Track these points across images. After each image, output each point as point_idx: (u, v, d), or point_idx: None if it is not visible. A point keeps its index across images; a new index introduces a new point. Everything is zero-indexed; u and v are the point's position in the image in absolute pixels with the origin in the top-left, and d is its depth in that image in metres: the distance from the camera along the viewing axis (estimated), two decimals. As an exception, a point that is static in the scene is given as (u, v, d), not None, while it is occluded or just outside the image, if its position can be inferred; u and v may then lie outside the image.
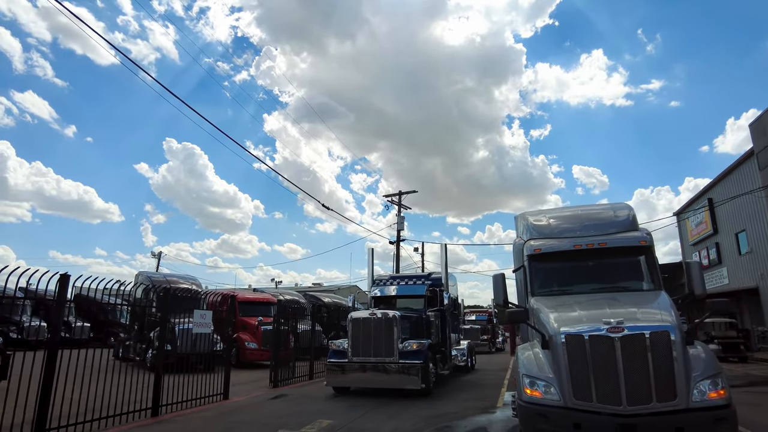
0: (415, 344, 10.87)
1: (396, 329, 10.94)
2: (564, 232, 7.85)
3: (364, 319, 11.27)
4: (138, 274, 19.82)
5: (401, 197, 32.37)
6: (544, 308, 6.37)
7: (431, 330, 12.61)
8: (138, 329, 16.72)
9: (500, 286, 7.58)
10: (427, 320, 12.59)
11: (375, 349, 10.97)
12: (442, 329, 13.34)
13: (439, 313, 13.12)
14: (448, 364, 13.49)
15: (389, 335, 10.93)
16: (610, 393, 5.13)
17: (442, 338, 13.32)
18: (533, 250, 7.40)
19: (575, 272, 7.18)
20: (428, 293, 13.20)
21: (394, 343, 10.87)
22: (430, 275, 14.55)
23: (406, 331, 11.35)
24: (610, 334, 5.23)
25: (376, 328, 11.09)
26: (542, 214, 8.63)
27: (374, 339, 11.02)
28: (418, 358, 10.69)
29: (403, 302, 13.10)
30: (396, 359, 10.74)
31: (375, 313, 11.28)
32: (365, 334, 11.12)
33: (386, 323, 11.06)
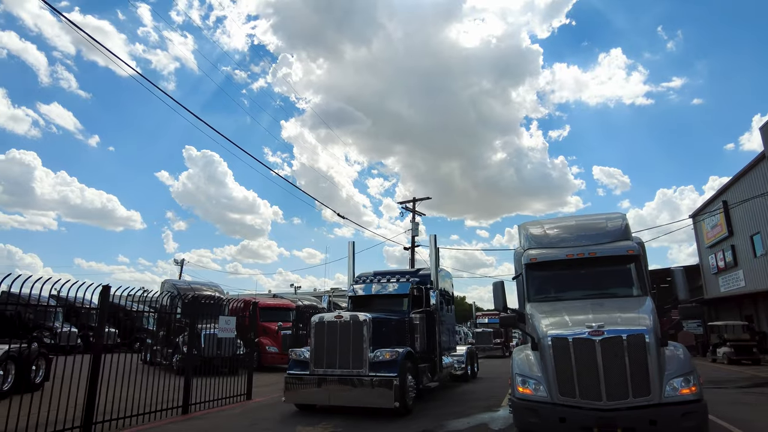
0: (388, 353, 9.09)
1: (366, 335, 9.22)
2: (560, 242, 8.44)
3: (329, 324, 9.46)
4: (164, 282, 20.82)
5: (415, 204, 33.10)
6: (536, 313, 6.99)
7: (415, 335, 11.01)
8: (164, 335, 17.67)
9: (499, 293, 8.21)
10: (411, 323, 10.98)
11: (341, 360, 9.21)
12: (430, 334, 11.59)
13: (424, 315, 11.36)
14: (439, 374, 11.68)
15: (358, 343, 9.19)
16: (591, 390, 5.74)
17: (430, 344, 11.56)
18: (529, 259, 8.02)
19: (568, 280, 7.78)
20: (413, 292, 11.52)
21: (364, 353, 9.12)
22: (417, 271, 13.01)
23: (383, 337, 9.70)
24: (592, 336, 5.84)
25: (342, 334, 9.34)
26: (540, 225, 9.22)
27: (340, 347, 9.28)
28: (391, 371, 8.90)
29: (383, 303, 11.60)
30: (365, 372, 9.00)
31: (342, 316, 9.50)
32: (330, 341, 9.38)
33: (354, 328, 9.30)
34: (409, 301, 11.35)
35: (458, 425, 8.32)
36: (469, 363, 15.66)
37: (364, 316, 9.47)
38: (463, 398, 11.67)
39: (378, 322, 9.77)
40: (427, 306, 11.41)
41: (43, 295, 7.42)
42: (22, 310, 10.53)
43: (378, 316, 10.02)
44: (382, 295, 11.80)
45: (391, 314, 10.75)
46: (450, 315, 13.92)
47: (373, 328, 9.43)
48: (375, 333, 9.44)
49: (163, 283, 20.74)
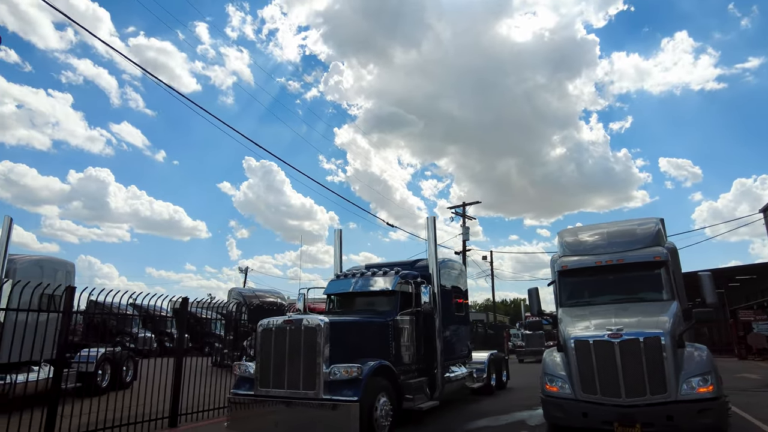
0: (346, 369, 6.91)
1: (321, 345, 7.08)
2: (592, 249, 8.90)
3: (277, 330, 7.44)
4: (230, 290, 22.60)
5: (465, 208, 33.57)
6: (565, 318, 7.57)
7: (402, 342, 8.70)
8: (232, 339, 19.30)
9: (534, 298, 8.82)
10: (396, 328, 8.64)
11: (290, 377, 7.15)
12: (427, 340, 9.36)
13: (414, 318, 9.11)
14: (440, 389, 9.18)
15: (310, 355, 7.08)
16: (611, 387, 6.28)
17: (428, 353, 9.32)
18: (561, 267, 8.57)
19: (598, 285, 8.24)
20: (400, 289, 9.15)
21: (318, 368, 6.99)
22: (415, 263, 10.68)
23: (360, 347, 7.76)
24: (611, 339, 6.38)
25: (292, 343, 7.27)
26: (575, 233, 9.68)
27: (290, 361, 7.23)
28: (351, 393, 6.79)
29: (366, 302, 9.51)
30: (319, 393, 6.90)
31: (291, 321, 7.48)
32: (278, 352, 7.34)
33: (306, 337, 7.19)
34: (397, 299, 9.01)
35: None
36: (493, 372, 12.87)
37: (319, 320, 7.28)
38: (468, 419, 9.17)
39: (350, 327, 7.98)
40: (417, 306, 9.07)
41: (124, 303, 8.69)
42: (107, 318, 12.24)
43: (351, 320, 8.37)
44: (363, 292, 9.54)
45: (372, 316, 8.73)
46: (461, 317, 11.37)
47: (345, 335, 7.55)
48: (349, 341, 7.55)
49: (230, 291, 22.50)
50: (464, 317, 11.70)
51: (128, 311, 12.78)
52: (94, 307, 10.77)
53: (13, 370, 8.54)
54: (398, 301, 9.05)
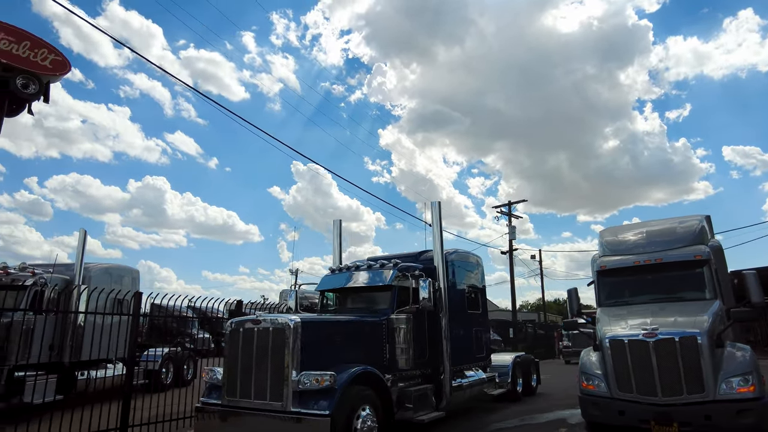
0: (317, 378, 5.97)
1: (291, 349, 6.18)
2: (632, 249, 8.88)
3: (245, 332, 6.63)
4: (282, 293, 23.56)
5: (511, 207, 33.26)
6: (602, 317, 7.67)
7: (397, 345, 7.76)
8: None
9: (573, 298, 8.92)
10: (390, 328, 7.72)
11: (257, 386, 6.30)
12: (432, 341, 8.45)
13: (412, 317, 8.05)
14: (447, 398, 8.25)
15: (278, 361, 6.21)
16: (647, 386, 6.36)
17: (432, 357, 8.39)
18: (600, 267, 8.62)
19: (637, 285, 8.25)
20: (398, 284, 8.18)
21: (286, 376, 6.10)
22: (420, 255, 9.64)
23: (348, 350, 6.97)
24: (645, 338, 6.45)
25: (260, 347, 6.43)
26: (615, 232, 9.66)
27: (257, 367, 6.38)
28: (322, 406, 5.87)
29: (361, 299, 8.71)
30: (286, 405, 5.99)
31: (260, 321, 6.64)
32: (246, 357, 6.51)
33: (274, 339, 6.33)
34: (393, 296, 8.06)
35: None
36: (519, 376, 11.74)
37: (288, 319, 6.40)
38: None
39: (330, 327, 7.15)
40: (414, 303, 8.03)
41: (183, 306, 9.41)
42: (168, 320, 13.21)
43: (330, 320, 7.72)
44: (357, 288, 8.65)
45: (362, 315, 7.88)
46: (477, 315, 10.28)
47: (323, 337, 6.74)
48: (329, 344, 6.75)
49: (282, 293, 23.48)
50: (481, 315, 10.51)
51: (187, 313, 13.75)
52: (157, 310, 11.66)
53: (92, 367, 9.51)
54: (395, 298, 8.04)
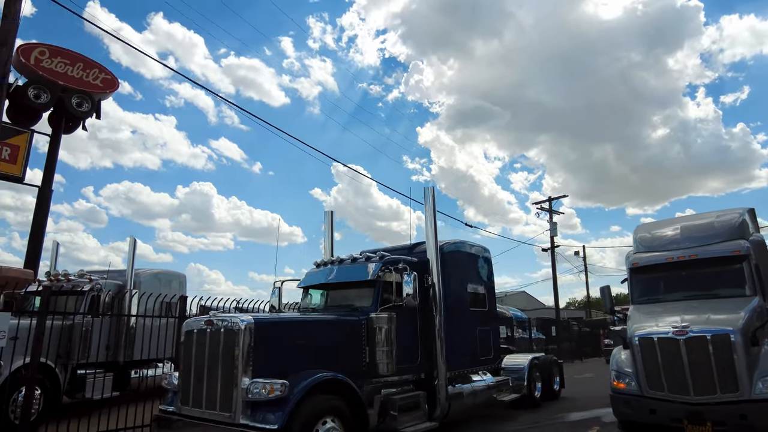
0: (265, 386, 5.34)
1: (242, 353, 5.58)
2: (667, 245, 8.70)
3: (199, 334, 6.06)
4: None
5: (551, 203, 32.70)
6: (634, 315, 7.60)
7: (378, 347, 6.85)
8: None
9: (607, 296, 8.82)
10: (370, 329, 6.91)
11: (209, 394, 5.75)
12: (425, 343, 7.69)
13: (396, 315, 7.06)
14: (441, 406, 7.46)
15: (228, 367, 5.63)
16: (678, 384, 6.29)
17: (425, 359, 7.64)
18: (632, 264, 8.51)
19: (671, 282, 8.10)
20: (383, 278, 7.34)
21: (236, 384, 5.52)
22: (414, 247, 8.93)
23: (325, 353, 6.31)
24: (676, 336, 6.38)
25: (212, 350, 5.87)
26: (649, 228, 9.47)
27: (209, 372, 5.82)
28: (270, 419, 5.26)
29: (344, 295, 7.98)
30: (234, 416, 5.45)
31: (212, 322, 6.01)
32: (198, 361, 5.96)
33: (225, 342, 5.74)
34: (377, 292, 7.28)
35: None
36: (536, 380, 10.89)
37: (240, 320, 5.76)
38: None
39: (294, 329, 6.48)
40: (397, 300, 7.23)
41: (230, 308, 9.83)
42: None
43: (294, 320, 7.08)
44: (339, 284, 7.95)
45: (342, 314, 7.23)
46: (482, 313, 9.38)
47: (284, 340, 6.11)
48: (292, 348, 6.10)
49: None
50: (487, 313, 9.57)
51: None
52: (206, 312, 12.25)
53: (144, 366, 10.19)
54: (379, 295, 7.24)
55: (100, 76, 17.30)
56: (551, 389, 11.50)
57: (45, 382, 8.41)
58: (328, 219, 10.34)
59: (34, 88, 15.72)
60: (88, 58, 17.34)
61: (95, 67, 17.32)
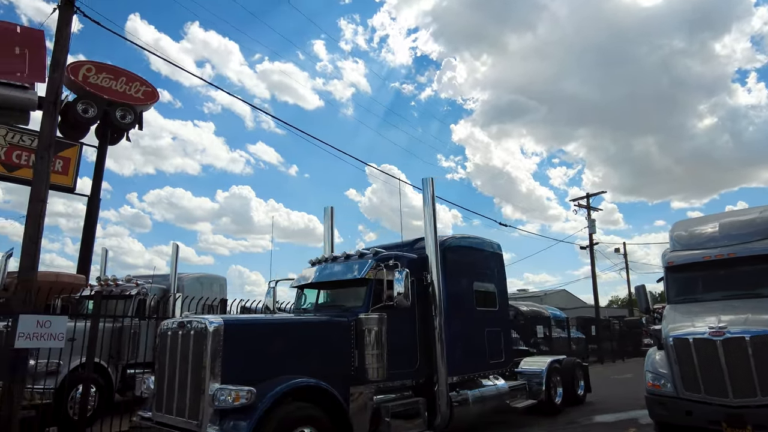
0: (232, 394, 4.93)
1: (210, 357, 5.20)
2: (705, 242, 8.49)
3: (172, 335, 5.81)
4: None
5: (589, 199, 31.99)
6: (669, 315, 7.49)
7: (367, 350, 6.29)
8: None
9: (642, 296, 8.70)
10: (359, 330, 6.37)
11: (179, 400, 5.47)
12: (424, 346, 7.19)
13: (389, 316, 6.52)
14: (442, 414, 6.98)
15: (197, 372, 5.30)
16: (716, 386, 6.18)
17: (425, 363, 7.13)
18: (667, 263, 8.36)
19: (708, 281, 7.91)
20: (375, 276, 6.85)
21: (203, 390, 5.16)
22: (414, 243, 8.34)
23: (289, 358, 5.78)
24: (712, 337, 6.27)
25: (183, 353, 5.55)
26: (687, 226, 9.25)
27: (180, 378, 5.53)
28: (238, 427, 4.91)
29: (334, 295, 7.68)
30: (202, 425, 5.12)
31: (184, 323, 5.70)
32: (171, 365, 5.71)
33: (195, 344, 5.41)
34: (369, 291, 6.81)
35: None
36: (557, 384, 10.12)
37: (209, 321, 5.39)
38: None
39: (269, 331, 6.03)
40: (389, 299, 6.64)
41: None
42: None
43: (270, 321, 6.75)
44: (330, 283, 7.52)
45: (329, 315, 6.84)
46: (491, 313, 8.72)
47: (259, 343, 5.65)
48: (269, 352, 5.66)
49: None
50: (497, 313, 8.92)
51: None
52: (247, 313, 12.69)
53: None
54: (371, 294, 6.76)
55: (141, 89, 18.13)
56: (574, 394, 10.70)
57: (99, 380, 8.91)
58: (327, 216, 9.94)
59: (82, 103, 16.66)
60: (131, 72, 18.21)
61: (137, 80, 18.15)
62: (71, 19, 6.89)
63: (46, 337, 6.53)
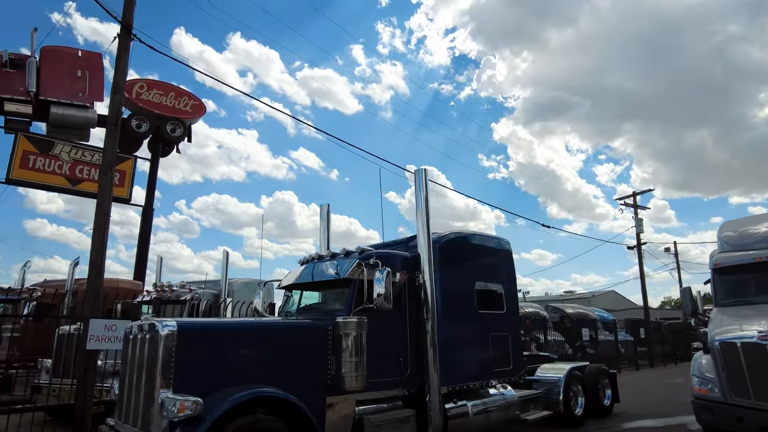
0: (181, 404, 4.51)
1: (161, 364, 4.81)
2: (754, 243, 8.23)
3: (132, 339, 5.45)
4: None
5: (635, 198, 31.02)
6: (716, 318, 7.32)
7: (348, 356, 5.75)
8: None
9: (688, 298, 8.55)
10: (336, 335, 5.84)
11: (134, 408, 5.13)
12: (416, 352, 6.60)
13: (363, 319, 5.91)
14: (432, 427, 6.39)
15: (150, 379, 4.92)
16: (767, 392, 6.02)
17: (417, 371, 6.53)
18: (714, 264, 8.16)
19: (759, 283, 7.67)
20: (359, 277, 6.24)
21: (154, 398, 4.78)
22: (409, 240, 7.58)
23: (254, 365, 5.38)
24: (761, 341, 6.12)
25: (140, 359, 5.19)
26: (735, 226, 8.98)
27: (136, 384, 5.18)
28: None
29: (317, 297, 7.34)
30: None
31: (144, 327, 5.29)
32: (129, 371, 5.40)
33: (150, 350, 5.05)
34: (352, 293, 6.25)
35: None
36: (578, 394, 9.22)
37: (162, 325, 4.98)
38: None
39: (230, 336, 5.55)
40: (369, 301, 6.04)
41: None
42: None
43: (231, 325, 6.32)
44: (314, 284, 7.02)
45: (308, 319, 6.47)
46: (495, 316, 8.00)
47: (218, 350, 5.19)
48: (230, 359, 5.24)
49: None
50: (505, 316, 8.15)
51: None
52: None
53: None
54: (353, 295, 6.19)
55: (189, 103, 19.07)
56: (599, 404, 9.62)
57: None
58: (323, 213, 9.46)
59: (136, 118, 17.70)
60: (179, 87, 19.19)
61: (185, 94, 19.11)
62: (129, 47, 7.48)
63: (113, 339, 7.11)
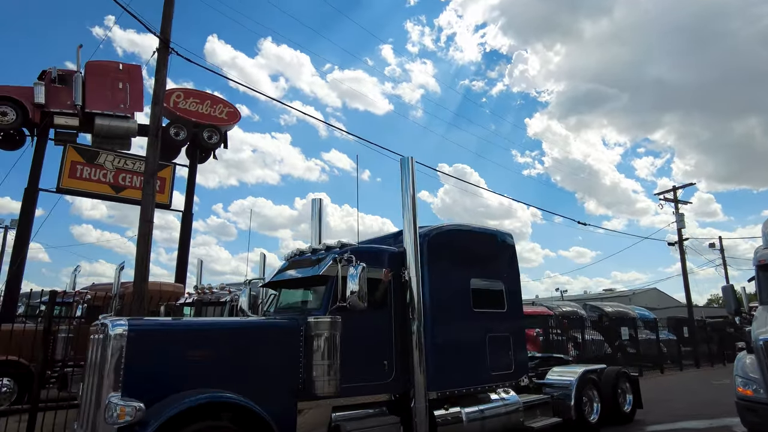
0: (121, 409, 4.23)
1: (109, 366, 4.56)
2: (803, 239, 7.94)
3: (93, 340, 5.18)
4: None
5: (676, 192, 29.93)
6: (760, 316, 7.10)
7: (320, 358, 5.39)
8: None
9: (730, 296, 8.28)
10: (308, 336, 5.51)
11: (86, 411, 4.91)
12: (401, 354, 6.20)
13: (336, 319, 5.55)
14: None
15: (99, 382, 4.63)
16: (813, 392, 5.81)
17: (402, 375, 6.13)
18: (758, 261, 7.90)
19: (806, 280, 7.38)
20: (336, 273, 5.82)
21: (100, 404, 4.50)
22: (398, 235, 7.18)
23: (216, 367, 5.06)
24: (807, 340, 5.90)
25: (93, 360, 4.95)
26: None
27: (89, 387, 4.95)
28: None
29: (297, 295, 6.96)
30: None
31: (100, 326, 4.99)
32: (87, 372, 5.17)
33: (101, 352, 4.71)
34: (329, 291, 5.85)
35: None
36: (593, 399, 8.60)
37: (113, 325, 4.71)
38: None
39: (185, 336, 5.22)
40: (342, 300, 5.63)
41: None
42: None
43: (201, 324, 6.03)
44: (293, 281, 6.65)
45: (280, 318, 6.23)
46: (498, 315, 7.45)
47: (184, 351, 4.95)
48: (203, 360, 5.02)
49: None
50: (505, 315, 7.54)
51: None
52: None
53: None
54: (330, 293, 5.80)
55: (225, 110, 19.62)
56: (618, 411, 8.89)
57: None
58: (315, 208, 8.85)
59: (174, 127, 18.34)
60: (215, 95, 19.79)
61: (220, 102, 19.68)
62: (167, 60, 7.83)
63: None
